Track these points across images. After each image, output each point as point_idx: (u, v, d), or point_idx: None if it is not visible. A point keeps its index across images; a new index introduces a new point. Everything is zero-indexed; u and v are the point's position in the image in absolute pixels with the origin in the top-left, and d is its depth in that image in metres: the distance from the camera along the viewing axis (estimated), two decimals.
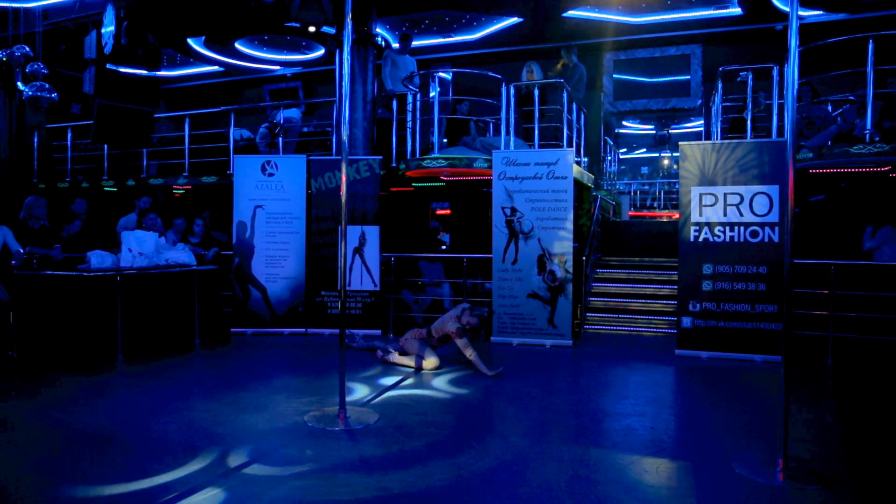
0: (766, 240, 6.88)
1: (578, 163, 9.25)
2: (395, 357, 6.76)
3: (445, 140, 9.51)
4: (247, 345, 7.88)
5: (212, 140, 10.88)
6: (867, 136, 6.97)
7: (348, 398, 5.19)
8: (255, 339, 8.19)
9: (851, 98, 8.00)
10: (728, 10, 10.74)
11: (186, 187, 10.93)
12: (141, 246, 7.31)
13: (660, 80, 12.45)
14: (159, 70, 13.61)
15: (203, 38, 12.43)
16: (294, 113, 10.98)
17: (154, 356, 6.89)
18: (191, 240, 8.95)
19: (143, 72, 10.51)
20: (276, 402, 5.24)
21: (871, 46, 6.89)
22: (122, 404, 5.18)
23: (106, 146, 11.16)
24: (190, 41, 12.52)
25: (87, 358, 6.65)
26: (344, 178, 4.80)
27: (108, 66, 9.03)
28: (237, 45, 12.71)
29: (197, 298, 7.76)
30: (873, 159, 7.06)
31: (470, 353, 6.31)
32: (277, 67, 13.96)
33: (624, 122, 16.21)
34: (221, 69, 14.12)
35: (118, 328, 6.71)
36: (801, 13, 10.06)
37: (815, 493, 3.43)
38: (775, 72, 7.74)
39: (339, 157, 7.37)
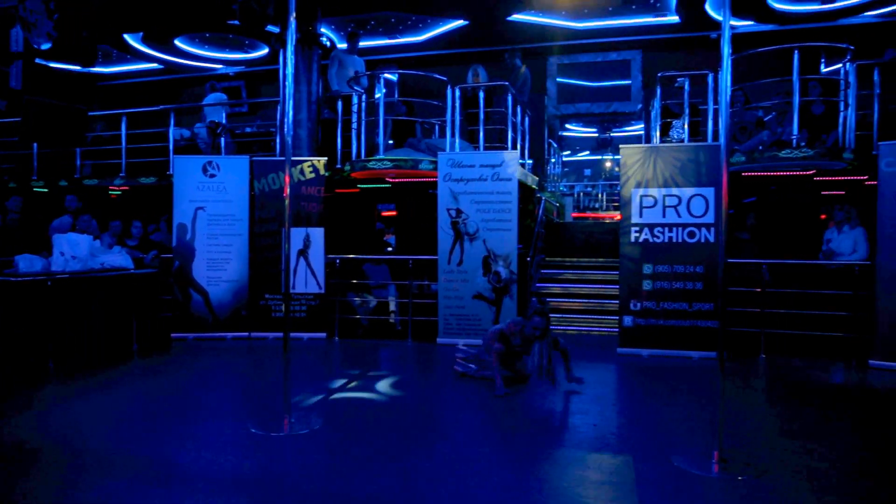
0: (703, 240, 7.13)
1: (523, 165, 9.38)
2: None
3: (391, 141, 9.49)
4: (188, 350, 7.68)
5: (150, 140, 10.54)
6: (794, 141, 7.30)
7: (293, 402, 5.12)
8: (197, 344, 7.99)
9: (768, 105, 8.37)
10: (666, 18, 11.08)
11: (123, 188, 10.57)
12: (74, 249, 7.01)
13: (602, 84, 12.74)
14: (94, 66, 13.12)
15: (141, 34, 12.05)
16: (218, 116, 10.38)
17: (89, 365, 6.62)
18: (128, 243, 8.66)
19: (77, 68, 10.09)
20: (218, 409, 5.13)
21: (796, 56, 7.23)
22: (53, 417, 4.96)
23: (35, 145, 10.68)
24: (127, 37, 12.11)
25: (14, 369, 6.32)
26: (287, 180, 4.73)
27: (37, 60, 8.64)
28: (177, 43, 12.38)
29: (135, 303, 7.51)
30: (799, 163, 7.42)
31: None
32: (220, 66, 13.65)
33: (567, 125, 16.51)
34: (161, 66, 13.72)
35: (49, 336, 6.42)
36: (733, 23, 10.52)
37: (745, 483, 3.57)
38: (710, 78, 8.02)
39: (283, 158, 7.27)
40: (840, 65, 7.72)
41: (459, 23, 11.44)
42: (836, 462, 3.98)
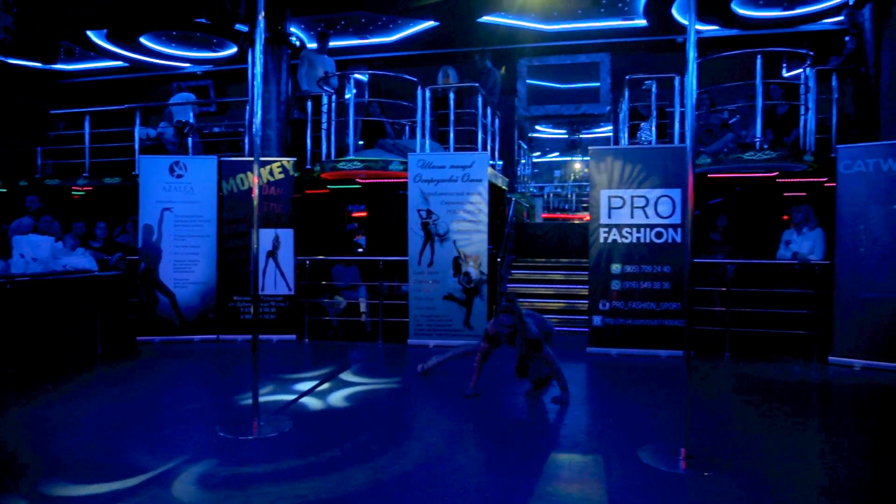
0: (670, 240, 7.24)
1: (493, 166, 9.42)
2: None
3: (361, 142, 9.45)
4: (154, 353, 7.55)
5: (115, 139, 10.33)
6: (757, 143, 7.47)
7: (262, 405, 5.07)
8: (164, 348, 7.85)
9: (733, 108, 8.54)
10: (634, 22, 11.24)
11: (87, 189, 10.34)
12: (35, 251, 6.85)
13: (571, 86, 12.86)
14: (56, 63, 12.81)
15: (105, 31, 11.81)
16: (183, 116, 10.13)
17: (51, 370, 6.46)
18: (92, 244, 8.48)
19: (38, 64, 9.83)
20: (186, 413, 5.05)
21: (759, 61, 7.38)
22: (14, 423, 4.84)
23: None
24: (90, 34, 11.85)
25: None
26: (256, 180, 4.69)
27: None
28: (143, 41, 12.16)
29: (99, 306, 7.35)
30: (762, 165, 7.58)
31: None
32: (187, 65, 13.44)
33: (537, 127, 16.63)
34: (126, 65, 13.46)
35: (8, 341, 6.23)
36: (699, 27, 10.71)
37: (711, 479, 3.64)
38: (677, 81, 8.15)
39: (252, 159, 7.19)
40: (801, 69, 7.91)
41: (430, 24, 11.44)
42: (798, 456, 4.08)
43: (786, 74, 8.89)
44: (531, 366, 5.51)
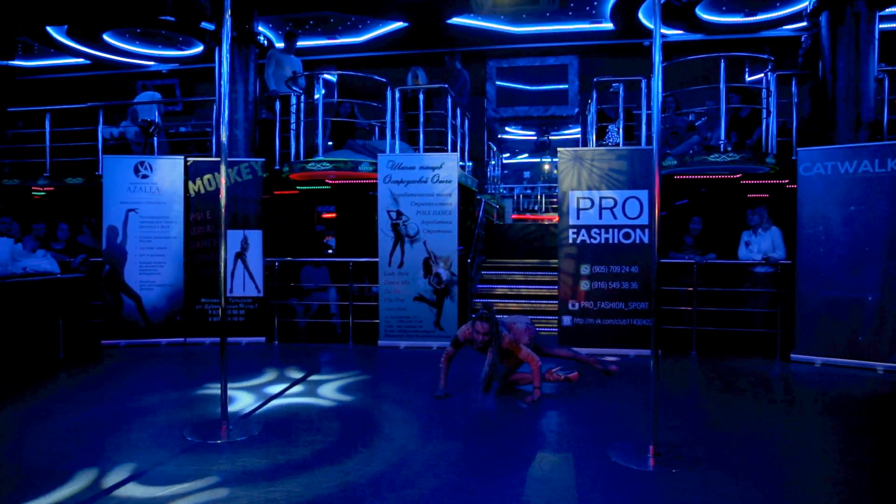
0: (638, 241, 7.35)
1: (463, 167, 9.45)
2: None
3: (330, 143, 9.39)
4: (120, 357, 7.40)
5: (77, 138, 10.08)
6: (721, 146, 7.63)
7: (232, 409, 5.02)
8: (130, 351, 7.70)
9: (699, 111, 8.71)
10: (601, 25, 11.38)
11: (48, 189, 10.08)
12: None
13: (540, 88, 12.98)
14: (13, 60, 12.48)
15: (65, 27, 11.53)
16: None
17: (11, 375, 6.29)
18: (54, 246, 8.28)
19: None
20: (153, 417, 4.96)
21: (722, 65, 7.54)
22: None
23: None
24: (51, 30, 11.57)
25: None
26: (223, 181, 4.64)
27: None
28: (106, 38, 11.91)
29: (62, 310, 7.17)
30: (727, 167, 7.75)
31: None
32: (152, 63, 13.20)
33: (506, 128, 16.74)
34: (88, 62, 13.16)
35: None
36: (664, 31, 10.89)
37: (680, 475, 3.71)
38: (643, 84, 8.27)
39: (219, 159, 7.09)
40: (762, 74, 8.09)
41: (399, 24, 11.44)
42: (763, 451, 4.18)
43: (749, 78, 9.08)
44: (499, 370, 5.52)
